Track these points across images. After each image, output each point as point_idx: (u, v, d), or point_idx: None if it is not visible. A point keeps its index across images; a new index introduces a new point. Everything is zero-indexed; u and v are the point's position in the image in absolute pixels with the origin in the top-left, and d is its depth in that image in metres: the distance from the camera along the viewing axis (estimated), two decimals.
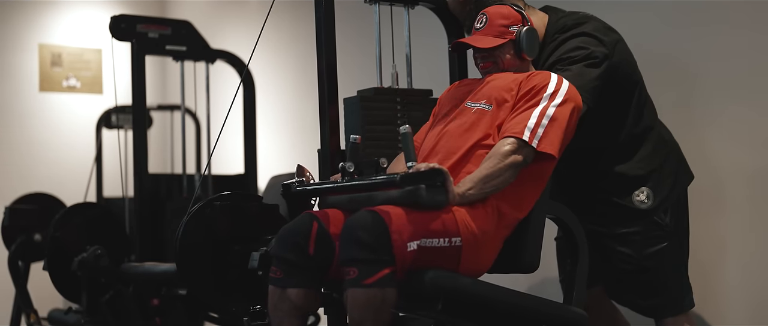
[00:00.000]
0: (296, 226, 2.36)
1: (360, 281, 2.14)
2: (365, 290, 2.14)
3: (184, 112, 4.90)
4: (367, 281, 2.14)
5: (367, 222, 2.18)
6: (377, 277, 2.14)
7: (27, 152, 6.54)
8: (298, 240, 2.33)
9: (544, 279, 3.52)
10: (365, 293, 2.14)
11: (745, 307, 3.14)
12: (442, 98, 2.78)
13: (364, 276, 2.14)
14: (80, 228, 4.09)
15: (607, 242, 2.85)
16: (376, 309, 2.14)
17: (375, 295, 2.14)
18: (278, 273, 2.34)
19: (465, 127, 2.52)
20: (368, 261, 2.15)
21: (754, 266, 3.11)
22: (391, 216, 2.19)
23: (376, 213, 2.19)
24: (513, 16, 2.64)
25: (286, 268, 2.33)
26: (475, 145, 2.47)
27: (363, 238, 2.15)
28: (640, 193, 2.80)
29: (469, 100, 2.59)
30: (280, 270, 2.34)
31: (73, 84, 6.76)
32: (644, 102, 2.87)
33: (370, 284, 2.13)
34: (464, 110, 2.58)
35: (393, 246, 2.16)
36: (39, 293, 4.90)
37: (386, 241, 2.16)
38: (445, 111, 2.67)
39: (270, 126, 5.74)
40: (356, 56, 4.15)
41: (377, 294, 2.14)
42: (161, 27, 4.53)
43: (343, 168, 2.39)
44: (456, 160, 2.46)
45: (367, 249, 2.15)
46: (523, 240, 2.50)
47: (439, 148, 2.53)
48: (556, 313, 2.53)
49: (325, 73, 2.74)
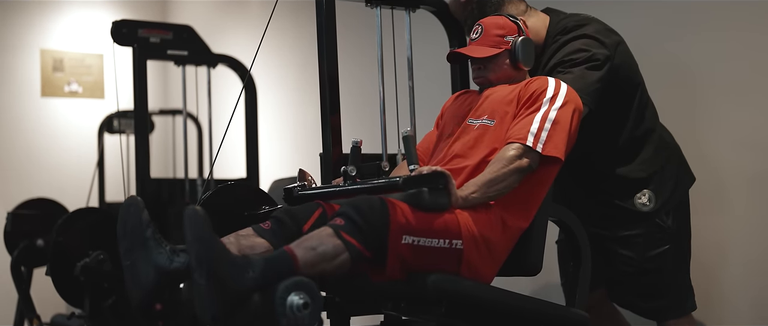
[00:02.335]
0: (302, 206, 2.41)
1: (339, 229, 2.15)
2: (336, 238, 2.13)
3: (186, 116, 4.90)
4: (344, 234, 2.14)
5: (374, 203, 2.20)
6: (354, 242, 2.14)
7: (29, 157, 6.55)
8: (301, 214, 2.36)
9: (547, 282, 3.52)
10: (334, 240, 2.13)
11: (747, 309, 3.14)
12: (445, 110, 2.79)
13: (346, 231, 2.14)
14: (83, 233, 4.09)
15: (609, 245, 2.85)
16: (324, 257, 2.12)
17: (338, 248, 2.13)
18: (266, 225, 2.35)
19: (470, 144, 2.52)
20: (359, 226, 2.15)
21: (756, 268, 3.11)
22: (396, 208, 2.21)
23: (384, 201, 2.21)
24: (508, 26, 2.64)
25: (275, 225, 2.34)
26: (482, 162, 2.47)
27: (365, 212, 2.17)
28: (641, 196, 2.81)
29: (470, 118, 2.59)
30: (270, 224, 2.35)
31: (75, 89, 6.77)
32: (645, 104, 2.87)
33: (344, 239, 2.13)
34: (467, 128, 2.58)
35: (389, 233, 2.18)
36: (42, 298, 4.89)
37: (384, 228, 2.17)
38: (449, 131, 2.66)
39: (272, 130, 5.75)
40: (358, 59, 4.16)
41: (341, 250, 2.13)
42: (163, 31, 4.53)
43: (345, 171, 2.39)
44: (464, 177, 2.46)
45: (365, 220, 2.16)
46: (526, 243, 2.50)
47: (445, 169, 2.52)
48: (558, 316, 2.53)
49: (327, 77, 2.75)
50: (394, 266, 2.22)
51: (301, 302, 1.98)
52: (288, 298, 1.99)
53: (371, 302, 2.51)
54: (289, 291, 1.99)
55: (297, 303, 1.98)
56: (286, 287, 1.99)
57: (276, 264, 2.06)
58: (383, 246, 2.19)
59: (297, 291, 1.99)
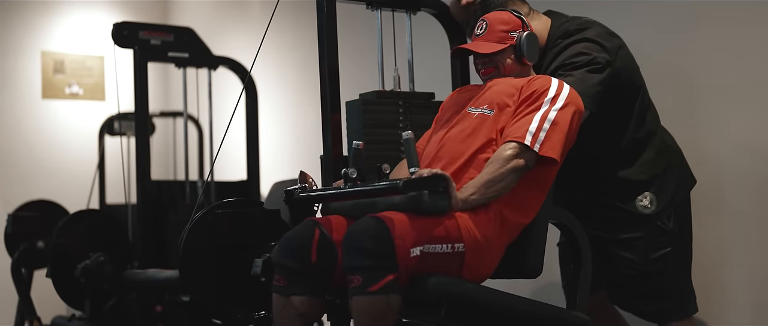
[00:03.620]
0: (298, 233, 2.36)
1: (364, 288, 2.15)
2: (370, 297, 2.15)
3: (187, 118, 4.90)
4: (371, 288, 2.14)
5: (370, 228, 2.18)
6: (381, 284, 2.14)
7: (30, 159, 6.55)
8: (300, 247, 2.33)
9: (547, 284, 3.51)
10: (370, 300, 2.15)
11: (748, 312, 3.13)
12: (445, 104, 2.79)
13: (369, 284, 2.15)
14: (83, 235, 4.09)
15: (610, 247, 2.84)
16: (381, 316, 2.15)
17: (379, 302, 2.15)
18: (282, 281, 2.35)
19: (467, 132, 2.52)
20: (372, 268, 2.15)
21: (757, 271, 3.10)
22: (394, 223, 2.20)
23: (379, 220, 2.20)
24: (513, 21, 2.64)
25: (289, 276, 2.34)
26: (478, 150, 2.47)
27: (367, 245, 2.16)
28: (643, 198, 2.80)
29: (470, 106, 2.60)
30: (283, 278, 2.35)
31: (76, 91, 6.76)
32: (647, 107, 2.87)
33: (375, 291, 2.14)
34: (466, 116, 2.58)
35: (396, 253, 2.17)
36: (42, 300, 4.89)
37: (389, 248, 2.16)
38: (447, 117, 2.67)
39: (272, 132, 5.75)
40: (359, 62, 4.15)
41: (382, 300, 2.15)
42: (163, 34, 4.53)
43: (345, 174, 2.39)
44: (459, 165, 2.46)
45: (370, 256, 2.15)
46: (527, 246, 2.50)
47: (441, 154, 2.53)
48: (559, 318, 2.53)
49: (328, 79, 2.75)
50: (404, 277, 2.22)
51: None
52: None
53: None
54: None
55: None
56: None
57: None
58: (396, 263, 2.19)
59: None
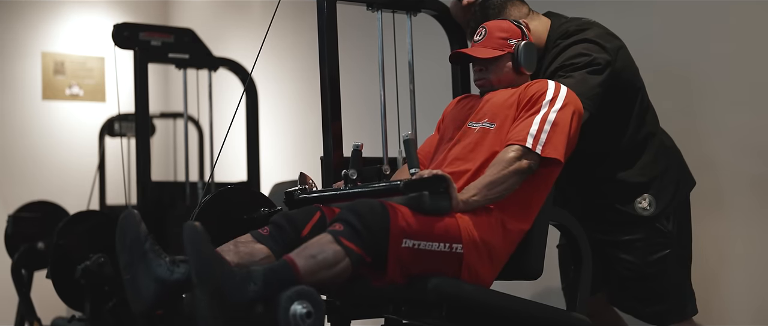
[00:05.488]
0: (301, 210, 2.39)
1: (339, 235, 2.14)
2: (337, 244, 2.13)
3: (187, 119, 4.90)
4: (344, 240, 2.13)
5: (375, 206, 2.19)
6: (354, 247, 2.13)
7: (30, 160, 6.55)
8: (299, 219, 2.34)
9: (547, 286, 3.51)
10: (334, 246, 2.12)
11: (748, 314, 3.14)
12: (446, 114, 2.79)
13: (346, 236, 2.14)
14: (83, 236, 4.09)
15: (609, 249, 2.85)
16: (327, 265, 2.11)
17: (339, 254, 2.12)
18: (265, 231, 2.33)
19: (470, 147, 2.52)
20: (358, 231, 2.15)
21: (757, 272, 3.10)
22: (397, 212, 2.21)
23: (383, 204, 2.21)
24: (512, 30, 2.65)
25: (274, 230, 2.33)
26: (483, 165, 2.46)
27: (365, 216, 2.16)
28: (642, 200, 2.80)
29: (471, 121, 2.59)
30: (269, 230, 2.33)
31: (76, 92, 6.77)
32: (646, 109, 2.87)
33: (345, 245, 2.13)
34: (467, 131, 2.58)
35: (389, 239, 2.17)
36: (42, 301, 4.89)
37: (384, 230, 2.17)
38: (449, 135, 2.66)
39: (273, 133, 5.75)
40: (359, 62, 4.16)
41: (341, 255, 2.12)
42: (164, 35, 4.53)
43: (346, 175, 2.39)
44: (464, 181, 2.46)
45: (364, 224, 2.15)
46: (527, 247, 2.50)
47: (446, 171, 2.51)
48: (559, 320, 2.53)
49: (328, 80, 2.75)
50: (395, 270, 2.21)
51: (304, 311, 1.98)
52: (291, 308, 1.98)
53: (372, 306, 2.51)
54: (291, 301, 1.98)
55: (300, 313, 1.98)
56: (289, 297, 1.98)
57: (277, 274, 2.05)
58: (383, 250, 2.18)
59: (299, 301, 1.98)
